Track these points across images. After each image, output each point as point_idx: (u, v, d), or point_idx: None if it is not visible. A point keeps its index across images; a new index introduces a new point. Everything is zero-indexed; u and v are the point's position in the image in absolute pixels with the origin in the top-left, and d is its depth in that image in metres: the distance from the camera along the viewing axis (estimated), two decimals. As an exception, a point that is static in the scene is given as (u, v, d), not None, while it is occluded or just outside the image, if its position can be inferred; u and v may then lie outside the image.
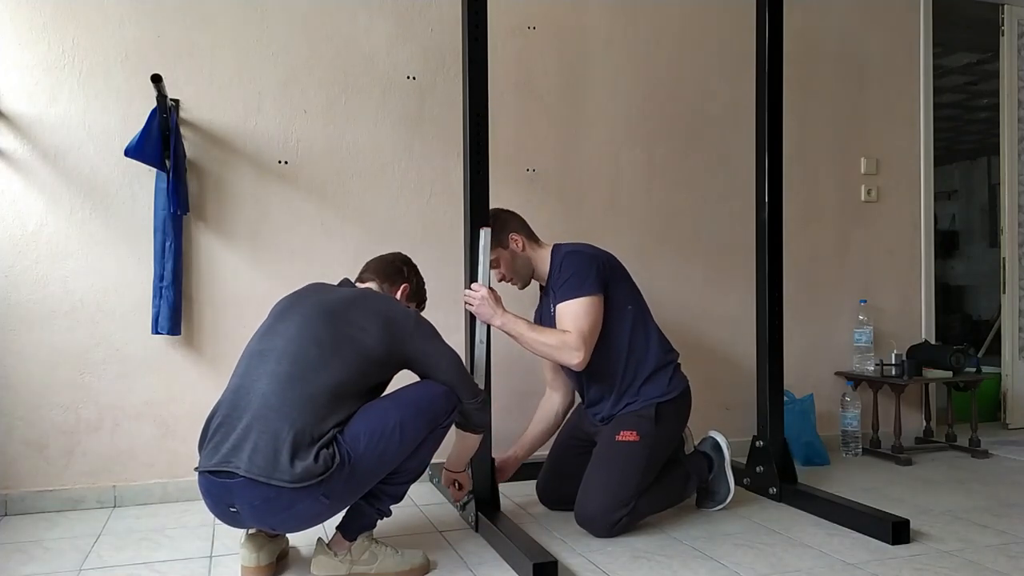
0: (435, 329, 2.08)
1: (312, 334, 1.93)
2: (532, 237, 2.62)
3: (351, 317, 1.97)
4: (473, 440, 2.27)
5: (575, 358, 2.37)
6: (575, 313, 2.39)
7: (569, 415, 2.77)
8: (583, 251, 2.51)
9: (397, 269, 2.30)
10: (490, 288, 2.42)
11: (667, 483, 2.49)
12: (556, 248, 2.58)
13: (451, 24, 3.08)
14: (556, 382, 2.75)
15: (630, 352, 2.49)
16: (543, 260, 2.58)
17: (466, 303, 2.43)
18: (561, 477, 2.60)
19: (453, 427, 2.16)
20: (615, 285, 2.49)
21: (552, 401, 2.77)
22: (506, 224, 2.56)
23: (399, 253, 2.38)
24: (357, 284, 2.24)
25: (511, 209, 2.64)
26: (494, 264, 2.54)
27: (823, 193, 3.67)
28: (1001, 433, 3.95)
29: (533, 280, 2.65)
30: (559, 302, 2.43)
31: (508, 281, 2.62)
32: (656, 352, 2.52)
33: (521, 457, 2.74)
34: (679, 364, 2.58)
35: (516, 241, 2.56)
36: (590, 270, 2.43)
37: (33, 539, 2.40)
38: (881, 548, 2.25)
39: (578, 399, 2.74)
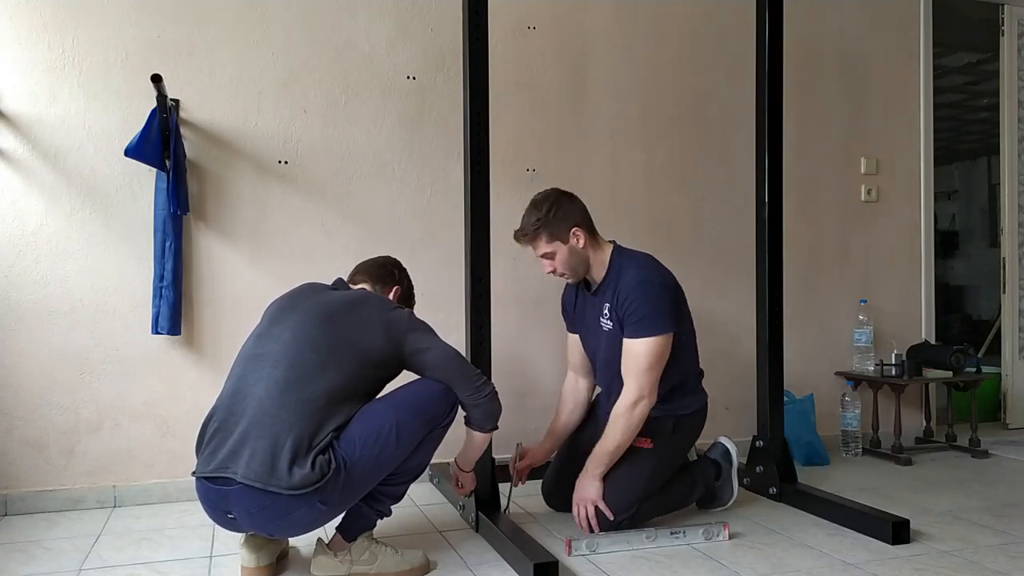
0: (430, 327, 2.07)
1: (308, 338, 1.92)
2: (594, 232, 2.44)
3: (347, 320, 1.96)
4: (480, 440, 2.16)
5: (648, 405, 2.31)
6: (648, 353, 2.30)
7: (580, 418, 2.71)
8: (655, 280, 2.37)
9: (388, 272, 2.31)
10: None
11: (672, 489, 2.48)
12: (617, 253, 2.44)
13: (451, 24, 3.07)
14: (581, 367, 2.65)
15: (668, 372, 2.41)
16: (600, 263, 2.43)
17: (575, 511, 2.37)
18: (568, 479, 2.55)
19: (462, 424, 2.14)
20: (678, 314, 2.43)
21: (579, 387, 2.67)
22: (568, 215, 2.36)
23: (389, 257, 2.39)
24: (350, 285, 2.24)
25: (569, 192, 2.43)
26: (547, 256, 2.39)
27: (823, 193, 3.66)
28: (1001, 433, 3.95)
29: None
30: (633, 337, 2.33)
31: (559, 275, 2.45)
32: (687, 371, 2.50)
33: (552, 448, 2.67)
34: (702, 376, 2.56)
35: (578, 236, 2.38)
36: (665, 305, 2.34)
37: (33, 539, 2.40)
38: (881, 548, 2.25)
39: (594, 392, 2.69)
